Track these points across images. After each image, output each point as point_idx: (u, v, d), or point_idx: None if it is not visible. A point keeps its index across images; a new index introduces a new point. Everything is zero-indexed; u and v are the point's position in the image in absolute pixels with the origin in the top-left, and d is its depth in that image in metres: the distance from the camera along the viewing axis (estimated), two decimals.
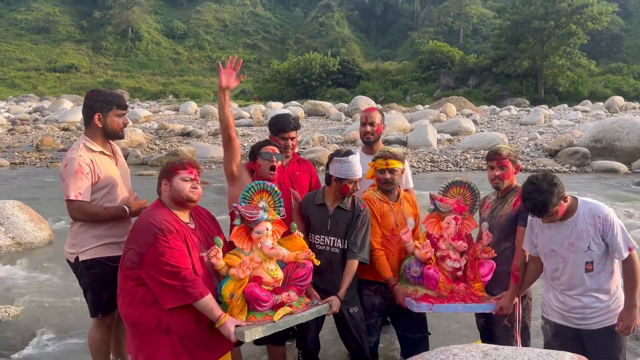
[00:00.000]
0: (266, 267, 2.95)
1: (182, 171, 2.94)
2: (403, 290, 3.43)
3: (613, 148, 15.62)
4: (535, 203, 2.87)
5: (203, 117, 31.86)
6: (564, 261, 3.03)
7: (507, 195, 3.47)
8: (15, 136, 23.11)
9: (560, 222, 3.01)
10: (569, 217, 2.99)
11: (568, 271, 3.03)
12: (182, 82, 67.28)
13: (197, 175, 3.00)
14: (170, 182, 2.93)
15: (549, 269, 3.15)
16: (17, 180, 13.32)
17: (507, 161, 3.41)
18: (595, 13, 44.47)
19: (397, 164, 3.54)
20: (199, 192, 2.98)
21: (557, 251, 3.05)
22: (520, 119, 28.74)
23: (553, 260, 3.09)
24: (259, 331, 2.78)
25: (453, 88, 49.00)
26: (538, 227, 3.13)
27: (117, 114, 3.38)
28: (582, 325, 3.06)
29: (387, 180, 3.53)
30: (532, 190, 2.88)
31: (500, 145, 3.49)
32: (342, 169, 3.33)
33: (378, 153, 3.63)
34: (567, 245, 3.00)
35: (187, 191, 2.92)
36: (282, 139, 3.89)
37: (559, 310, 3.12)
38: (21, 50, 71.48)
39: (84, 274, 3.36)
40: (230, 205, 3.39)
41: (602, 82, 47.51)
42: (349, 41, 77.01)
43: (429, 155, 17.15)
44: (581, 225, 2.96)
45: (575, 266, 3.00)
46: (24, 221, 7.55)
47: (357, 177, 3.35)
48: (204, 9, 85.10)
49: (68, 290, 5.70)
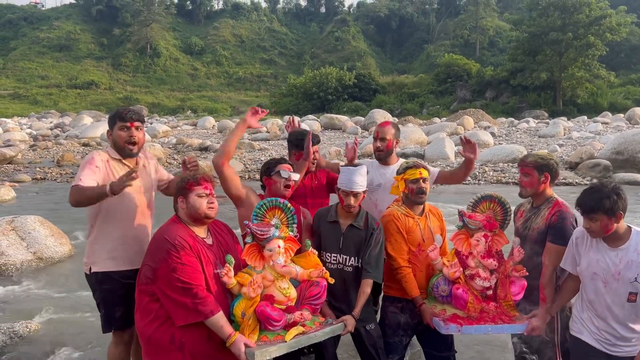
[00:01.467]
0: (278, 286, 2.90)
1: (197, 187, 2.92)
2: (430, 310, 3.31)
3: (635, 160, 15.33)
4: (588, 198, 2.79)
5: (221, 132, 32.11)
6: (605, 286, 2.89)
7: (541, 206, 3.34)
8: (37, 152, 23.51)
9: (610, 247, 2.88)
10: (620, 244, 2.86)
11: (608, 298, 2.89)
12: (199, 97, 68.12)
13: (212, 189, 2.98)
14: (186, 199, 2.92)
15: (588, 291, 3.00)
16: (38, 196, 13.50)
17: (530, 168, 3.31)
18: (614, 24, 44.04)
19: (427, 173, 3.48)
20: (215, 207, 2.96)
21: (600, 276, 2.91)
22: (539, 131, 28.43)
23: (594, 283, 2.95)
24: (270, 352, 2.70)
25: (470, 101, 48.79)
26: (584, 246, 2.98)
27: (120, 127, 3.36)
28: (611, 351, 2.95)
29: (422, 190, 3.40)
30: (591, 188, 2.84)
31: (533, 152, 3.39)
32: (340, 178, 3.32)
33: (405, 164, 3.52)
34: (613, 273, 2.86)
35: (205, 208, 2.90)
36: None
37: (592, 332, 3.01)
38: (43, 68, 73.11)
39: (96, 288, 3.37)
40: (241, 227, 3.37)
41: (622, 93, 46.86)
42: (365, 55, 77.36)
43: (446, 169, 17.02)
44: (632, 255, 2.82)
45: (617, 295, 2.87)
46: (45, 236, 7.62)
47: (351, 189, 3.26)
48: (221, 25, 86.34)
49: (88, 305, 5.71)
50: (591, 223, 2.82)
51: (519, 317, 3.27)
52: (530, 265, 3.30)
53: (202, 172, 3.06)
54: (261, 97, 67.29)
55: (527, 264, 3.30)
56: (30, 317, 5.40)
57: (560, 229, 3.16)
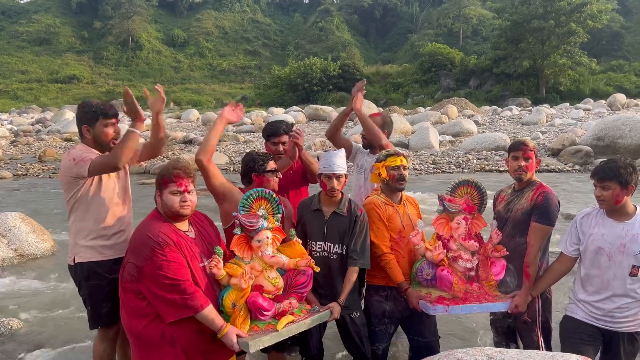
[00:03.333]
0: (267, 276, 2.93)
1: (171, 184, 2.85)
2: (416, 294, 3.37)
3: (616, 146, 15.54)
4: (605, 167, 2.95)
5: (205, 125, 31.93)
6: (609, 259, 3.01)
7: (524, 189, 3.42)
8: (18, 148, 23.21)
9: (616, 222, 3.01)
10: (626, 218, 2.99)
11: (611, 271, 3.01)
12: (183, 90, 67.52)
13: (189, 184, 2.90)
14: (161, 194, 2.88)
15: (587, 267, 3.11)
16: (20, 192, 13.34)
17: (532, 153, 3.38)
18: (595, 11, 44.49)
19: (406, 161, 3.54)
20: (190, 204, 2.89)
21: (605, 249, 3.02)
22: (522, 118, 28.71)
23: (598, 258, 3.05)
24: (263, 341, 2.76)
25: (454, 90, 49.05)
26: (590, 224, 3.10)
27: (104, 124, 3.35)
28: (609, 326, 3.05)
29: (402, 177, 3.47)
30: (609, 160, 3.00)
31: (523, 138, 3.46)
32: (320, 163, 3.36)
33: (385, 152, 3.57)
34: (618, 246, 2.98)
35: (177, 206, 2.85)
36: (273, 144, 3.96)
37: (587, 309, 3.11)
38: (23, 62, 71.93)
39: (82, 285, 3.34)
40: (225, 221, 3.37)
41: (604, 80, 47.41)
42: (349, 45, 77.20)
43: (431, 157, 17.12)
44: (637, 229, 2.96)
45: (620, 267, 2.99)
46: (27, 233, 7.54)
47: (333, 172, 3.29)
48: (203, 16, 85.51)
49: (71, 301, 5.68)
50: (603, 192, 2.95)
51: (501, 296, 3.37)
52: (512, 245, 3.38)
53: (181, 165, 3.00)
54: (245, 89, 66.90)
55: (508, 244, 3.38)
56: (13, 315, 5.34)
57: (546, 208, 3.25)
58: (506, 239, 3.41)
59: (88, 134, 3.37)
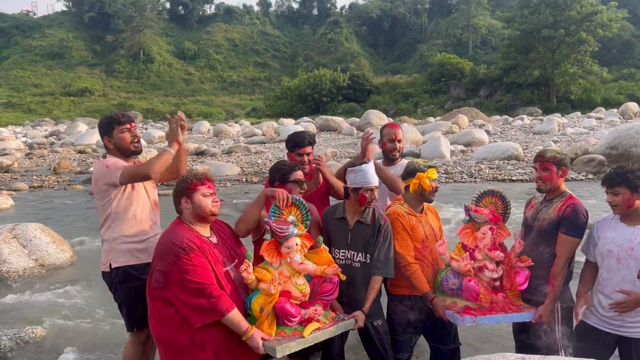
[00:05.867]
0: (294, 282, 2.98)
1: (202, 187, 3.00)
2: (443, 303, 3.39)
3: (630, 154, 15.43)
4: (613, 173, 3.05)
5: (216, 136, 32.15)
6: (618, 262, 3.07)
7: (553, 199, 3.42)
8: (33, 160, 23.48)
9: (627, 226, 3.09)
10: (638, 223, 3.07)
11: (620, 274, 3.06)
12: (194, 102, 68.10)
13: (214, 188, 3.08)
14: (191, 199, 2.97)
15: (602, 270, 3.19)
16: (36, 203, 13.50)
17: (550, 164, 3.37)
18: (605, 20, 44.32)
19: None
20: (219, 204, 3.06)
21: (614, 252, 3.09)
22: (533, 128, 28.60)
23: (607, 260, 3.13)
24: (290, 347, 2.80)
25: (464, 99, 49.00)
26: (604, 228, 3.20)
27: (120, 131, 3.52)
28: (620, 331, 3.08)
29: (437, 189, 3.59)
30: (616, 166, 3.11)
31: (548, 148, 3.51)
32: (356, 178, 3.35)
33: (425, 163, 3.61)
34: (626, 249, 3.04)
35: (210, 206, 2.99)
36: (298, 155, 3.98)
37: (599, 314, 3.15)
38: (36, 76, 72.92)
39: (118, 288, 3.46)
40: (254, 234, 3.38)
41: (615, 88, 47.19)
42: (358, 56, 77.46)
43: (443, 167, 17.11)
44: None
45: (629, 270, 3.04)
46: (47, 243, 7.64)
47: (373, 184, 3.33)
48: (213, 29, 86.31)
49: (92, 310, 5.76)
50: (614, 197, 3.04)
51: (525, 306, 3.39)
52: (535, 254, 3.40)
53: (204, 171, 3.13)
54: (255, 101, 67.32)
55: (532, 253, 3.40)
56: (36, 323, 5.42)
57: (575, 220, 3.25)
58: (530, 247, 3.42)
59: (110, 144, 3.56)
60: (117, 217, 3.45)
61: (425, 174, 3.53)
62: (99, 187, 3.45)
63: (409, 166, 3.60)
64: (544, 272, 3.35)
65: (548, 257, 3.35)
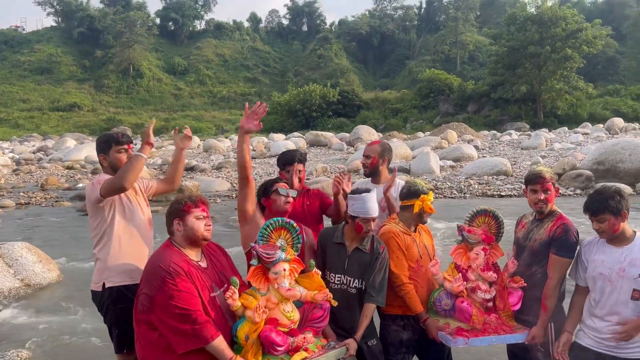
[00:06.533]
0: (282, 309, 2.90)
1: (196, 209, 2.93)
2: (435, 324, 3.38)
3: (616, 170, 15.62)
4: (594, 201, 3.01)
5: (206, 151, 32.09)
6: (611, 285, 3.05)
7: (544, 219, 3.40)
8: (20, 176, 23.25)
9: (615, 247, 3.07)
10: (625, 244, 3.05)
11: (614, 296, 3.04)
12: (184, 117, 68.00)
13: (208, 211, 3.01)
14: (183, 221, 2.91)
15: (592, 295, 3.15)
16: (23, 221, 13.34)
17: (550, 184, 3.36)
18: (590, 37, 45.15)
19: None
20: (211, 229, 3.00)
21: (605, 275, 3.06)
22: (521, 143, 28.87)
23: (599, 284, 3.10)
24: None
25: (452, 114, 49.46)
26: (592, 252, 3.16)
27: (117, 150, 3.50)
28: (614, 352, 3.06)
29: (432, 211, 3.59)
30: (595, 192, 3.07)
31: (541, 168, 3.47)
32: (354, 206, 3.32)
33: (427, 185, 3.60)
34: (617, 270, 3.02)
35: (203, 230, 2.92)
36: (288, 172, 3.96)
37: (593, 335, 3.13)
38: (24, 91, 72.53)
39: (109, 308, 3.39)
40: (245, 244, 3.39)
41: (601, 104, 47.90)
42: (348, 72, 78.02)
43: (432, 183, 17.17)
44: (636, 253, 3.01)
45: (622, 292, 3.02)
46: (33, 262, 7.54)
47: (370, 215, 3.29)
48: (204, 45, 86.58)
49: (79, 330, 5.67)
50: (600, 224, 3.02)
51: (518, 327, 3.37)
52: (527, 274, 3.40)
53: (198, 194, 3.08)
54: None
55: (524, 273, 3.39)
56: (21, 346, 5.31)
57: (565, 241, 3.25)
58: (523, 267, 3.41)
59: (104, 161, 3.55)
60: (112, 236, 3.41)
61: (427, 197, 3.52)
62: (91, 205, 3.43)
63: (412, 187, 3.55)
64: (537, 292, 3.34)
65: (541, 278, 3.34)
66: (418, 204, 3.50)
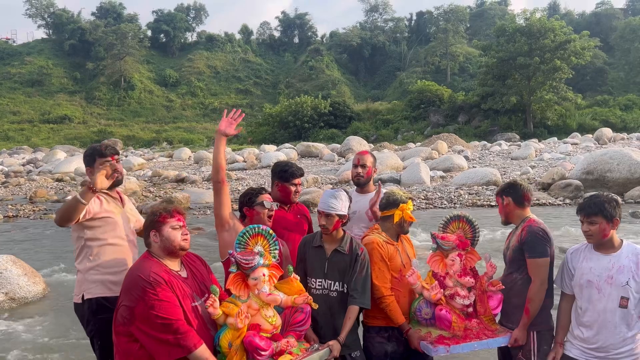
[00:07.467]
0: (264, 314, 2.91)
1: (171, 219, 2.91)
2: (417, 334, 3.37)
3: (605, 179, 15.74)
4: (590, 203, 3.04)
5: (197, 163, 32.01)
6: (598, 292, 3.05)
7: (517, 226, 3.47)
8: (9, 189, 23.04)
9: (603, 255, 3.08)
10: (612, 251, 3.07)
11: (602, 304, 3.05)
12: (175, 128, 67.80)
13: (184, 220, 2.99)
14: (159, 232, 2.90)
15: (580, 303, 3.15)
16: (10, 234, 13.21)
17: (497, 198, 3.52)
18: (578, 48, 45.66)
19: None
20: (189, 238, 2.97)
21: (593, 282, 3.07)
22: (511, 153, 29.05)
23: (587, 291, 3.10)
24: None
25: (443, 125, 49.73)
26: (579, 260, 3.17)
27: (101, 163, 3.47)
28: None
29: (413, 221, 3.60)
30: (592, 195, 3.11)
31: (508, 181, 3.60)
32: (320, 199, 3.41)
33: (405, 195, 3.61)
34: (605, 278, 3.04)
35: (179, 240, 2.90)
36: (293, 185, 3.96)
37: (581, 346, 3.12)
38: (15, 103, 72.08)
39: (90, 319, 3.36)
40: (223, 253, 3.38)
41: (590, 114, 48.37)
42: (339, 83, 78.30)
43: (422, 193, 17.21)
44: (623, 261, 3.03)
45: (610, 299, 3.03)
46: (18, 276, 7.45)
47: (325, 210, 3.32)
48: (195, 57, 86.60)
49: (63, 344, 5.60)
50: (590, 227, 3.03)
51: (501, 330, 3.37)
52: (509, 282, 3.42)
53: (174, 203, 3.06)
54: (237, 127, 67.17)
55: (506, 281, 3.43)
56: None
57: (532, 242, 3.29)
58: (505, 276, 3.45)
59: (90, 174, 3.50)
60: (91, 248, 3.39)
61: (407, 205, 3.53)
62: None
63: (390, 197, 3.57)
64: (519, 300, 3.35)
65: (521, 284, 3.36)
66: (398, 213, 3.51)
